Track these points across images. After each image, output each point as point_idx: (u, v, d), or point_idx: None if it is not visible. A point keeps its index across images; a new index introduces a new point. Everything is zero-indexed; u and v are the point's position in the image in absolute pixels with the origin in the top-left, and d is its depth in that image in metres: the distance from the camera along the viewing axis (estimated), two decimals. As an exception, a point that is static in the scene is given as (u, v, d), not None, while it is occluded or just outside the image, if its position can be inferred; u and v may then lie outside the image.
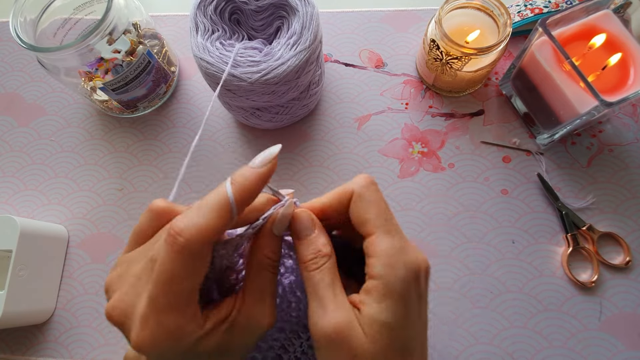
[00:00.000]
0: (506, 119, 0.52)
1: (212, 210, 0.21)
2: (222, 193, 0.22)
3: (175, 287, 0.21)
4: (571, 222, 0.47)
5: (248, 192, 0.22)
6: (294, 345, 0.35)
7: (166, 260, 0.21)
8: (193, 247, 0.21)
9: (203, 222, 0.21)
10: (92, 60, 0.46)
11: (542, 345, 0.45)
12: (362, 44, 0.56)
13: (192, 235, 0.20)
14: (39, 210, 0.54)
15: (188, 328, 0.22)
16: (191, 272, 0.21)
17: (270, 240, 0.26)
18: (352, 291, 0.27)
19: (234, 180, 0.22)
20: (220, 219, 0.21)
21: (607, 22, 0.44)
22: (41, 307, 0.48)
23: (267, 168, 0.23)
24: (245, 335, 0.25)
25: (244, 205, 0.23)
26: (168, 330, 0.21)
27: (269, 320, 0.25)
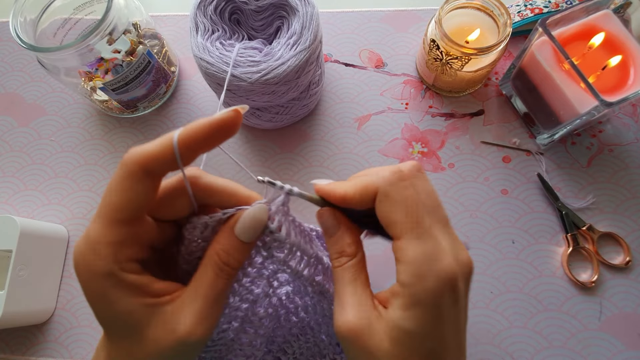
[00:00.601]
0: (506, 119, 0.52)
1: (158, 140, 0.22)
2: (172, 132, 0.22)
3: (108, 199, 0.22)
4: (571, 222, 0.47)
5: (192, 130, 0.22)
6: (293, 347, 0.35)
7: (113, 175, 0.22)
8: (129, 166, 0.21)
9: (148, 146, 0.22)
10: (92, 60, 0.46)
11: (542, 345, 0.45)
12: (362, 44, 0.56)
13: (134, 153, 0.21)
14: (39, 210, 0.54)
15: (105, 247, 0.21)
16: (123, 188, 0.21)
17: (226, 238, 0.24)
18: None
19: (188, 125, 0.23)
20: (160, 146, 0.21)
21: (607, 22, 0.44)
22: (41, 307, 0.48)
23: (219, 116, 0.22)
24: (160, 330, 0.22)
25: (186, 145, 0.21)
26: (89, 237, 0.22)
27: (189, 328, 0.22)
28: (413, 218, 0.23)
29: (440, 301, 0.22)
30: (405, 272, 0.23)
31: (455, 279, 0.23)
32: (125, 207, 0.22)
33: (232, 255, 0.24)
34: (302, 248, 0.26)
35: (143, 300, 0.22)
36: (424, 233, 0.23)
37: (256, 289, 0.28)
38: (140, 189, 0.22)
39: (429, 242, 0.23)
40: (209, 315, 0.23)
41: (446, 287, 0.22)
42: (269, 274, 0.28)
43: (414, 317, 0.22)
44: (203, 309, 0.23)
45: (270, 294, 0.30)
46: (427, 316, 0.22)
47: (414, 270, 0.22)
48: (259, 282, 0.28)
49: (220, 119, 0.22)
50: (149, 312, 0.23)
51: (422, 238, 0.23)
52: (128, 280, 0.22)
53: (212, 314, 0.23)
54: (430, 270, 0.22)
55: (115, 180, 0.22)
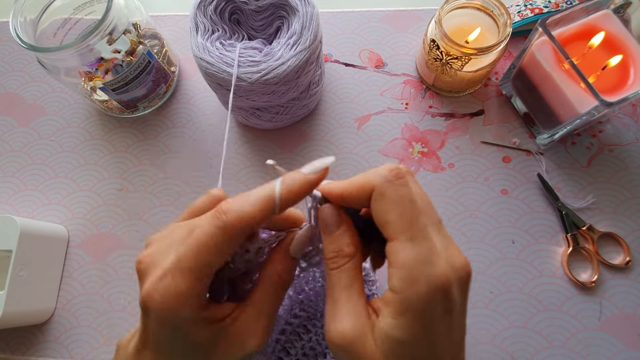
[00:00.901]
0: (506, 119, 0.52)
1: (258, 201, 0.23)
2: (271, 188, 0.23)
3: (203, 256, 0.22)
4: (571, 222, 0.47)
5: (293, 193, 0.23)
6: (296, 347, 0.35)
7: (205, 231, 0.22)
8: (232, 227, 0.22)
9: (247, 208, 0.22)
10: (92, 60, 0.46)
11: (542, 345, 0.45)
12: (362, 44, 0.56)
13: (235, 217, 0.22)
14: (39, 210, 0.54)
15: (194, 300, 0.23)
16: (221, 250, 0.22)
17: (284, 259, 0.26)
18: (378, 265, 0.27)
19: (284, 180, 0.23)
20: (263, 210, 0.23)
21: (607, 22, 0.44)
22: (41, 307, 0.48)
23: (316, 176, 0.24)
24: (229, 347, 0.25)
25: (286, 205, 0.23)
26: (179, 290, 0.22)
27: (256, 343, 0.25)
28: (408, 219, 0.22)
29: (431, 308, 0.22)
30: (396, 276, 0.22)
31: (448, 286, 0.22)
32: (217, 264, 0.23)
33: (289, 274, 0.26)
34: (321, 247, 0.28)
35: (212, 328, 0.24)
36: (418, 234, 0.22)
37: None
38: (233, 248, 0.23)
39: (423, 245, 0.22)
40: (270, 329, 0.26)
41: (437, 294, 0.21)
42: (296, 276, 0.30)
43: (403, 325, 0.22)
44: (267, 325, 0.25)
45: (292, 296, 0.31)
46: (417, 324, 0.22)
47: (405, 274, 0.22)
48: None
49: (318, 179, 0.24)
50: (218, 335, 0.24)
51: (416, 240, 0.22)
52: (205, 316, 0.24)
53: (272, 327, 0.26)
54: (422, 275, 0.21)
55: (213, 240, 0.22)
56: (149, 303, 0.22)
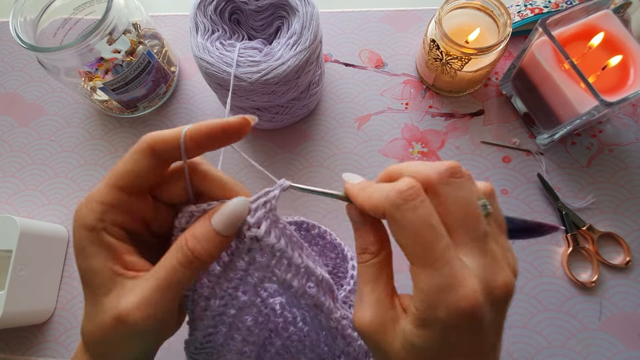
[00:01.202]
0: (506, 119, 0.52)
1: (170, 130, 0.24)
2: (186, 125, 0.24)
3: (115, 166, 0.24)
4: (571, 222, 0.47)
5: (201, 127, 0.24)
6: (292, 355, 0.35)
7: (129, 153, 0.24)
8: (141, 143, 0.24)
9: (159, 132, 0.24)
10: (92, 60, 0.46)
11: (542, 345, 0.45)
12: (362, 44, 0.56)
13: (146, 136, 0.24)
14: (39, 210, 0.54)
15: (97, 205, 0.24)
16: (129, 160, 0.24)
17: (200, 227, 0.24)
18: None
19: None
20: (171, 135, 0.23)
21: (607, 22, 0.44)
22: (41, 307, 0.48)
23: (228, 120, 0.24)
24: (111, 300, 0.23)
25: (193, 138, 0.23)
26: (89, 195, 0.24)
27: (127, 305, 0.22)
28: (421, 244, 0.21)
29: (452, 331, 0.21)
30: (417, 297, 0.22)
31: (476, 308, 0.20)
32: (126, 175, 0.24)
33: (200, 243, 0.23)
34: (289, 256, 0.26)
35: (111, 265, 0.23)
36: (435, 261, 0.21)
37: (242, 296, 0.27)
38: (144, 164, 0.24)
39: (443, 270, 0.21)
40: (154, 301, 0.22)
41: (462, 318, 0.21)
42: (256, 282, 0.27)
43: (423, 336, 0.22)
44: (150, 292, 0.22)
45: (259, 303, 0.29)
46: (435, 338, 0.21)
47: (425, 298, 0.21)
48: (244, 289, 0.27)
49: (228, 123, 0.24)
50: (112, 280, 0.23)
51: (433, 266, 0.21)
52: (105, 240, 0.23)
53: (159, 302, 0.22)
54: (441, 302, 0.21)
55: (127, 153, 0.24)
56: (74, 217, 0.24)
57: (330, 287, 0.29)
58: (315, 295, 0.28)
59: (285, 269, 0.26)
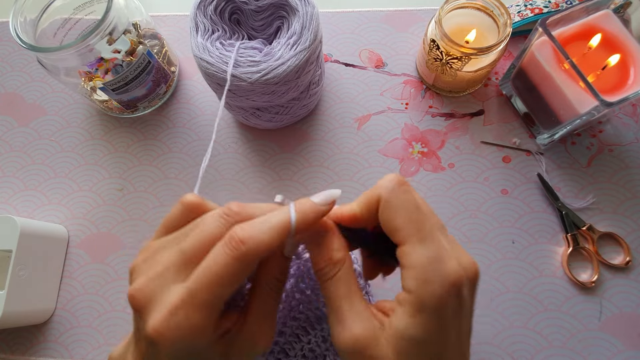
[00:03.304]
0: (506, 119, 0.52)
1: (274, 230, 0.22)
2: (286, 217, 0.23)
3: (220, 289, 0.22)
4: (571, 222, 0.47)
5: (306, 223, 0.23)
6: (295, 349, 0.35)
7: (220, 262, 0.21)
8: (250, 257, 0.22)
9: (265, 238, 0.22)
10: (92, 60, 0.46)
11: (542, 345, 0.45)
12: (362, 44, 0.56)
13: (253, 247, 0.22)
14: (39, 210, 0.54)
15: (209, 330, 0.22)
16: (237, 280, 0.22)
17: (281, 262, 0.26)
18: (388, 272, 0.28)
19: (297, 209, 0.24)
20: (278, 239, 0.22)
21: (607, 22, 0.44)
22: (41, 307, 0.48)
23: (326, 207, 0.24)
24: (242, 353, 0.25)
25: (299, 234, 0.24)
26: (193, 326, 0.21)
27: (265, 342, 0.25)
28: (415, 222, 0.23)
29: (446, 306, 0.22)
30: (410, 277, 0.23)
31: (461, 283, 0.22)
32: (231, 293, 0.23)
33: (284, 273, 0.26)
34: None
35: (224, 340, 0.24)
36: (427, 236, 0.23)
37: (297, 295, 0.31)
38: (248, 274, 0.23)
39: (433, 246, 0.23)
40: (274, 327, 0.26)
41: (452, 291, 0.22)
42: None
43: (420, 323, 0.22)
44: (272, 325, 0.25)
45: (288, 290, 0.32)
46: (432, 322, 0.22)
47: (420, 274, 0.22)
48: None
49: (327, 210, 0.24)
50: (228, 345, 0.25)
51: (426, 242, 0.23)
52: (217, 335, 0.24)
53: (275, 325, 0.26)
54: (435, 274, 0.22)
55: (229, 272, 0.21)
56: (160, 340, 0.22)
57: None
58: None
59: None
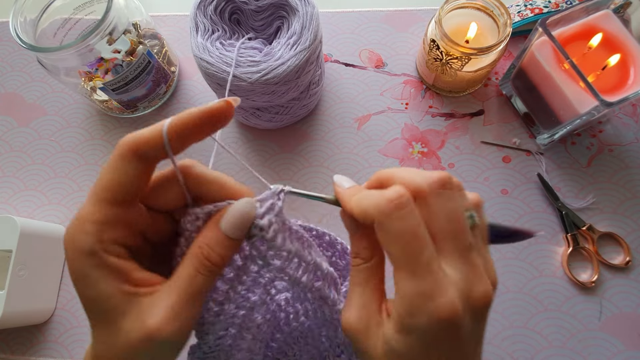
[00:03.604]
0: (506, 119, 0.52)
1: (150, 127, 0.22)
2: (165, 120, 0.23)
3: (99, 179, 0.22)
4: (571, 222, 0.47)
5: (183, 118, 0.22)
6: (293, 349, 0.35)
7: (110, 160, 0.22)
8: (121, 147, 0.22)
9: (139, 132, 0.22)
10: (92, 60, 0.46)
11: (542, 345, 0.45)
12: (362, 44, 0.56)
13: (125, 139, 0.22)
14: (39, 210, 0.54)
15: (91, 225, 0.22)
16: (113, 169, 0.22)
17: (211, 232, 0.23)
18: None
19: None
20: (152, 132, 0.22)
21: (607, 22, 0.44)
22: (41, 307, 0.48)
23: (210, 105, 0.23)
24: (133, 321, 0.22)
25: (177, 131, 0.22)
26: (78, 215, 0.22)
27: (157, 322, 0.22)
28: (408, 253, 0.21)
29: (431, 338, 0.21)
30: (399, 303, 0.22)
31: (455, 317, 0.21)
32: (114, 187, 0.22)
33: (214, 250, 0.23)
34: (300, 255, 0.26)
35: (122, 287, 0.22)
36: (418, 269, 0.21)
37: (253, 297, 0.27)
38: (130, 171, 0.22)
39: (425, 279, 0.21)
40: (182, 312, 0.22)
41: (441, 326, 0.21)
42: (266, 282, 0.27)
43: (403, 341, 0.22)
44: (176, 304, 0.22)
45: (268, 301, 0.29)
46: (416, 346, 0.22)
47: (406, 306, 0.22)
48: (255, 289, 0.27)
49: (211, 108, 0.22)
50: (126, 301, 0.22)
51: (416, 275, 0.21)
52: (109, 261, 0.22)
53: (186, 312, 0.22)
54: (422, 309, 0.21)
55: (107, 162, 0.22)
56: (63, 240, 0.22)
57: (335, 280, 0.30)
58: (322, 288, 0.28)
59: (296, 268, 0.26)
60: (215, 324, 0.27)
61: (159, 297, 0.22)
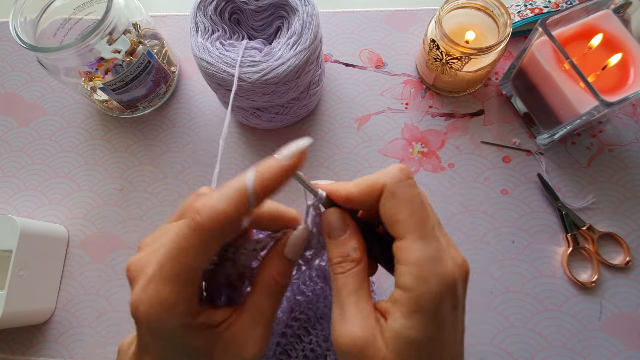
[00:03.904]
0: (506, 119, 0.52)
1: (230, 195, 0.21)
2: (242, 180, 0.21)
3: (182, 260, 0.21)
4: (571, 222, 0.47)
5: (268, 181, 0.21)
6: (296, 350, 0.35)
7: (179, 233, 0.21)
8: (206, 227, 0.21)
9: (220, 205, 0.21)
10: (92, 60, 0.46)
11: (542, 345, 0.45)
12: (362, 44, 0.56)
13: (208, 215, 0.21)
14: (39, 210, 0.54)
15: (181, 307, 0.22)
16: (199, 251, 0.21)
17: (279, 262, 0.25)
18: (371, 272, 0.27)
19: (257, 169, 0.22)
20: (236, 204, 0.21)
21: (607, 22, 0.44)
22: (41, 307, 0.48)
23: (292, 161, 0.22)
24: (225, 354, 0.23)
25: (262, 196, 0.21)
26: (162, 299, 0.21)
27: (254, 350, 0.23)
28: (418, 217, 0.22)
29: (442, 305, 0.22)
30: (407, 272, 0.22)
31: (456, 282, 0.22)
32: (200, 271, 0.22)
33: (286, 276, 0.25)
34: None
35: (209, 333, 0.23)
36: (428, 234, 0.22)
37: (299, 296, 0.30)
38: (210, 254, 0.22)
39: (433, 243, 0.22)
40: (268, 335, 0.24)
41: (448, 291, 0.22)
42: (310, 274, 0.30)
43: (416, 324, 0.22)
44: (265, 332, 0.24)
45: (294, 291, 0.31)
46: (429, 322, 0.22)
47: (418, 271, 0.22)
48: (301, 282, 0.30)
49: (295, 164, 0.22)
50: (213, 341, 0.23)
51: (426, 239, 0.22)
52: (198, 323, 0.23)
53: (270, 334, 0.25)
54: (433, 273, 0.22)
55: (188, 242, 0.21)
56: (137, 313, 0.22)
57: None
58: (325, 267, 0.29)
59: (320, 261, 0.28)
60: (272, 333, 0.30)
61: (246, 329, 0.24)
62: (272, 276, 0.24)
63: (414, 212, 0.23)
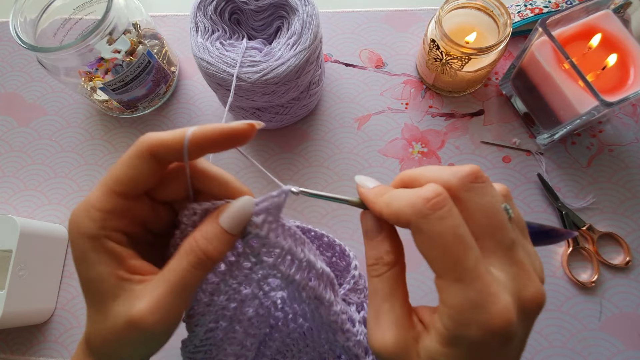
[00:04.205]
0: (506, 119, 0.52)
1: (171, 132, 0.23)
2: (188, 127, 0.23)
3: (113, 170, 0.23)
4: (571, 222, 0.47)
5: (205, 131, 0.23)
6: (292, 351, 0.35)
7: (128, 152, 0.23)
8: (140, 146, 0.23)
9: (160, 134, 0.23)
10: (92, 60, 0.46)
11: (542, 345, 0.45)
12: (362, 44, 0.56)
13: (145, 138, 0.23)
14: (39, 210, 0.54)
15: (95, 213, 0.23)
16: (128, 164, 0.23)
17: (209, 227, 0.23)
18: None
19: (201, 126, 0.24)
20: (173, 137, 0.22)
21: (607, 22, 0.44)
22: (41, 307, 0.48)
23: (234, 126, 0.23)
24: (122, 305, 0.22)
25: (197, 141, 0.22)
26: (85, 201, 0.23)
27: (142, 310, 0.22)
28: (452, 257, 0.20)
29: (483, 348, 0.20)
30: (445, 315, 0.20)
31: (508, 325, 0.19)
32: (126, 181, 0.23)
33: (211, 243, 0.23)
34: (292, 252, 0.26)
35: (117, 271, 0.23)
36: (466, 275, 0.19)
37: (244, 290, 0.27)
38: (144, 169, 0.23)
39: (473, 285, 0.19)
40: (168, 304, 0.22)
41: (494, 336, 0.19)
42: (259, 278, 0.27)
43: (450, 354, 0.20)
44: (163, 295, 0.22)
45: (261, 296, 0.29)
46: (465, 358, 0.20)
47: (457, 316, 0.20)
48: (247, 284, 0.27)
49: (234, 128, 0.23)
50: (119, 286, 0.23)
51: (464, 281, 0.19)
52: (108, 246, 0.23)
53: (172, 304, 0.22)
54: (473, 320, 0.19)
55: (124, 156, 0.23)
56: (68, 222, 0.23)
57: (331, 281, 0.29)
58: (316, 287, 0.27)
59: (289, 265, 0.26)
60: (205, 314, 0.27)
61: (149, 287, 0.23)
62: (195, 238, 0.23)
63: (446, 252, 0.20)
